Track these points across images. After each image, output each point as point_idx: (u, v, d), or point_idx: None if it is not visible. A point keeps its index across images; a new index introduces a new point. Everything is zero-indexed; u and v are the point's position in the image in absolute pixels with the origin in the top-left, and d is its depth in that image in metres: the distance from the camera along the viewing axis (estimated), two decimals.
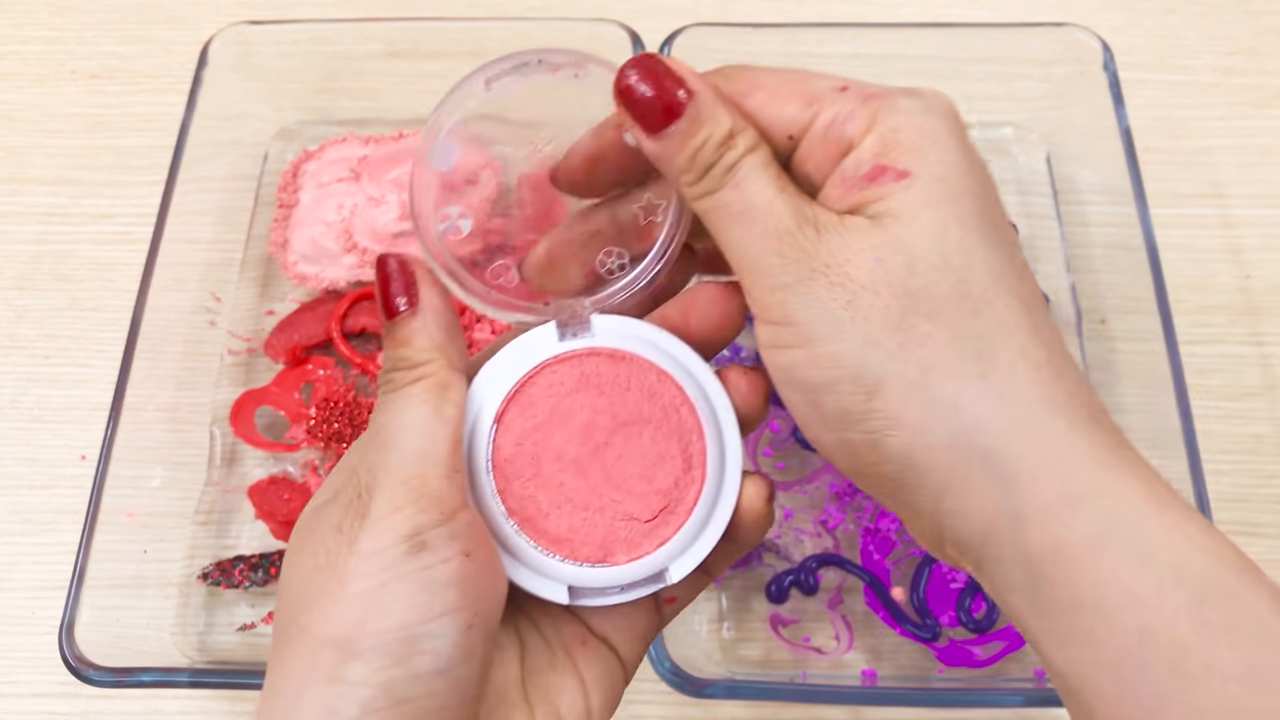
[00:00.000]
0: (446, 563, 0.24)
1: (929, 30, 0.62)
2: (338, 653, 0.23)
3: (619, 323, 0.28)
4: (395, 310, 0.26)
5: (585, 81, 0.27)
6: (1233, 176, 0.63)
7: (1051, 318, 0.26)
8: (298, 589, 0.25)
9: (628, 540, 0.27)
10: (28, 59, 0.69)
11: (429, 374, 0.26)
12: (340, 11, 0.70)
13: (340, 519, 0.25)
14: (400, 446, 0.25)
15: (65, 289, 0.60)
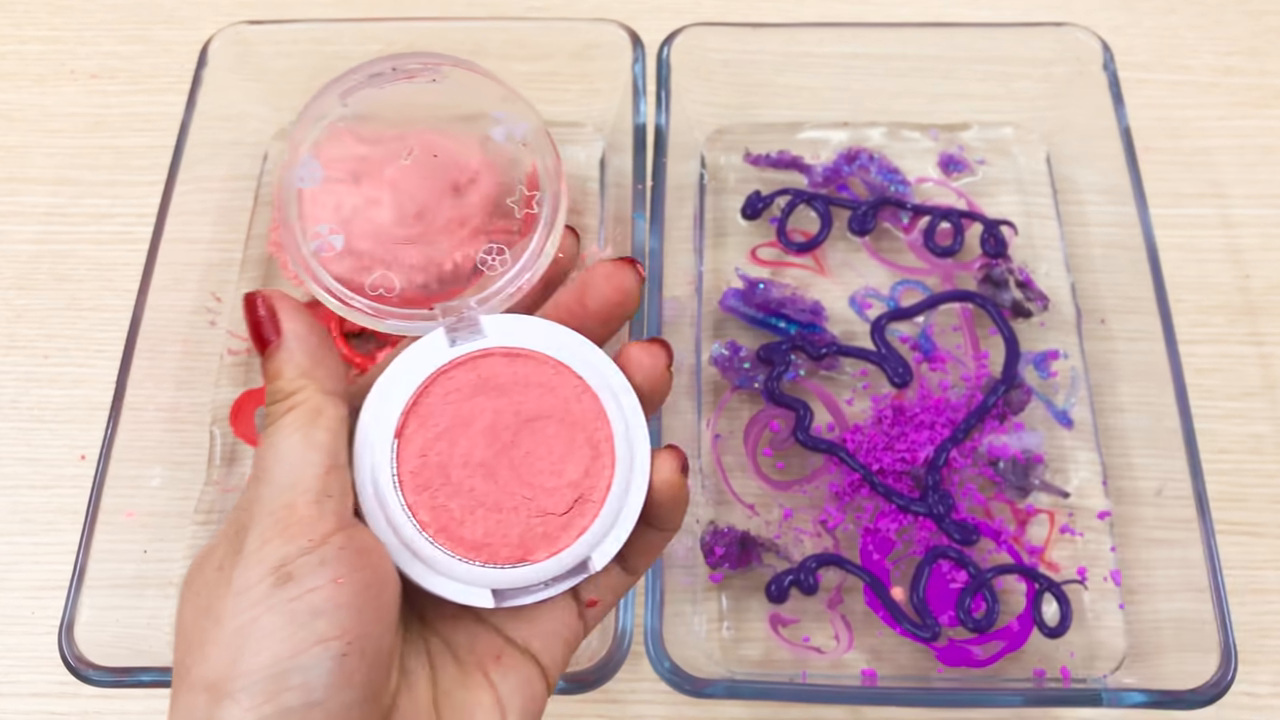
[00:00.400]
0: (314, 591, 0.23)
1: (929, 30, 0.62)
2: (209, 695, 0.23)
3: (509, 320, 0.28)
4: (260, 344, 0.26)
5: (444, 84, 0.27)
6: (1232, 176, 0.63)
7: None
8: (184, 635, 0.24)
9: (545, 536, 0.27)
10: (27, 59, 0.69)
11: (299, 401, 0.25)
12: (340, 11, 0.70)
13: (221, 558, 0.25)
14: (270, 479, 0.25)
15: (65, 289, 0.60)
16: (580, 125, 0.64)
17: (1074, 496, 0.53)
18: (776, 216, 0.61)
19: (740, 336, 0.57)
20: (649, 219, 0.53)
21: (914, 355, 0.57)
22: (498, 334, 0.27)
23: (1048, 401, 0.56)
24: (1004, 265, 0.58)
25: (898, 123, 0.64)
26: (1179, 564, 0.48)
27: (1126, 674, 0.49)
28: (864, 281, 0.59)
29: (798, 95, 0.63)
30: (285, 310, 0.27)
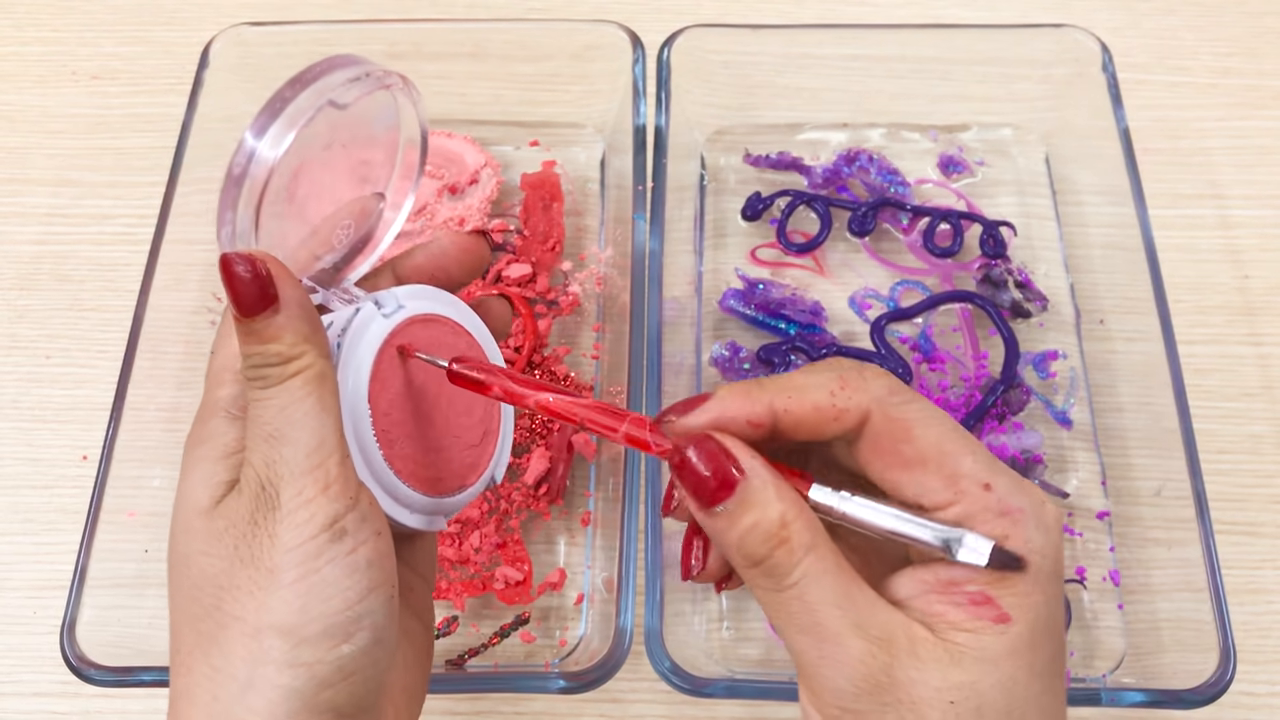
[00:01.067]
0: (365, 544, 0.26)
1: (928, 31, 0.62)
2: (285, 639, 0.25)
3: (414, 290, 0.31)
4: (253, 308, 0.27)
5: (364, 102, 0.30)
6: (1231, 177, 0.63)
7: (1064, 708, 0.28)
8: (217, 581, 0.26)
9: (471, 464, 0.32)
10: (29, 60, 0.69)
11: (306, 365, 0.27)
12: (341, 13, 0.70)
13: (252, 513, 0.26)
14: (295, 440, 0.26)
15: (66, 289, 0.60)
16: (580, 126, 0.64)
17: (1073, 496, 0.53)
18: (776, 217, 0.61)
19: (740, 337, 0.58)
20: (649, 220, 0.53)
21: (913, 356, 0.57)
22: (414, 302, 0.31)
23: (1047, 402, 0.56)
24: (1003, 266, 0.58)
25: (897, 124, 0.64)
26: (1178, 564, 0.48)
27: (1125, 673, 0.49)
28: (863, 282, 0.60)
29: (797, 96, 0.63)
30: (281, 276, 0.27)
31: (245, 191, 0.28)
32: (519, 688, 0.47)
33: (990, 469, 0.26)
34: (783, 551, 0.25)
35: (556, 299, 0.58)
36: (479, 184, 0.62)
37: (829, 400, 0.26)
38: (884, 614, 0.26)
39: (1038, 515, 0.26)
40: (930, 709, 0.25)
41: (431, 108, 0.65)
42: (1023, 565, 0.25)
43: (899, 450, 0.26)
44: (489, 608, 0.50)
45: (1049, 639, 0.26)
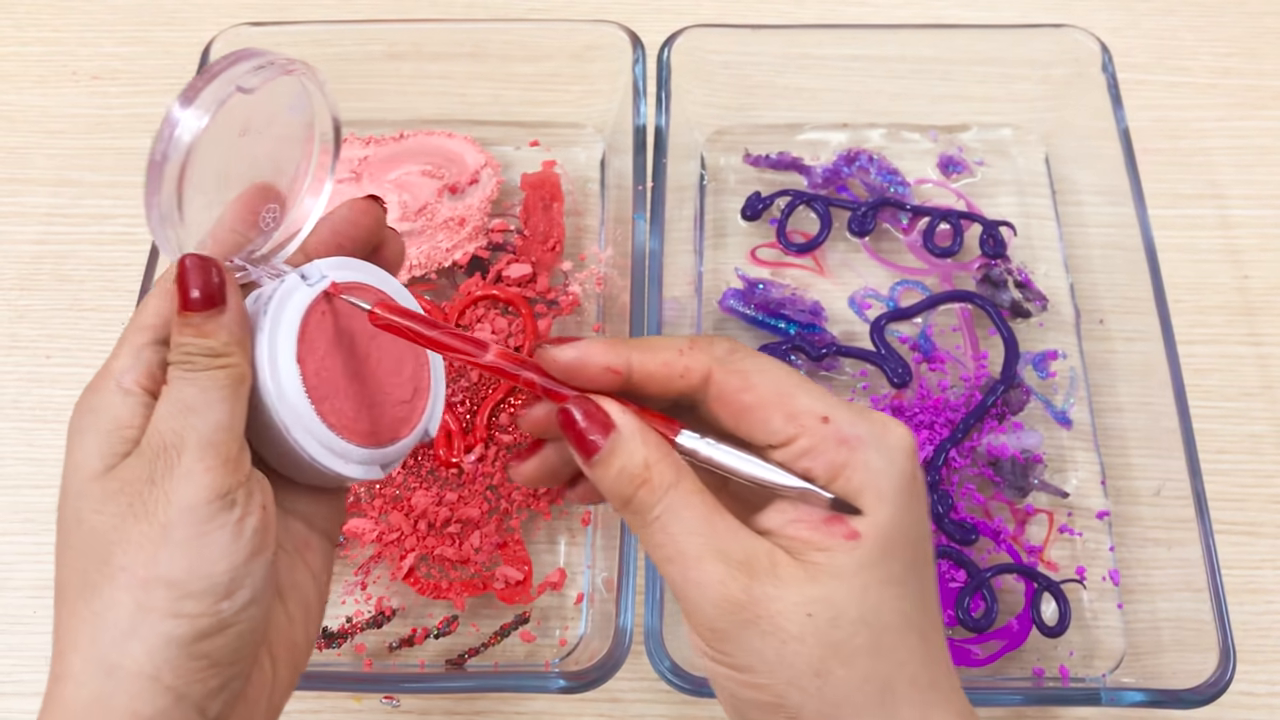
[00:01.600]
0: (252, 515, 0.29)
1: (928, 31, 0.62)
2: (170, 590, 0.28)
3: (337, 261, 0.34)
4: (195, 305, 0.30)
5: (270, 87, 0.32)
6: (1231, 177, 0.63)
7: (940, 624, 0.30)
8: (108, 536, 0.29)
9: (403, 418, 0.35)
10: (29, 60, 0.69)
11: (231, 364, 0.30)
12: (341, 13, 0.70)
13: (150, 473, 0.29)
14: (207, 416, 0.29)
15: (66, 289, 0.60)
16: (580, 126, 0.64)
17: (1073, 496, 0.53)
18: (776, 217, 0.61)
19: (740, 337, 0.58)
20: (649, 220, 0.53)
21: (913, 355, 0.57)
22: (335, 272, 0.33)
23: (1046, 401, 0.56)
24: (1003, 266, 0.58)
25: (897, 124, 0.64)
26: (1177, 563, 0.48)
27: (1125, 673, 0.49)
28: (863, 282, 0.60)
29: (797, 97, 0.63)
30: (230, 281, 0.31)
31: (167, 174, 0.30)
32: (519, 688, 0.47)
33: (828, 405, 0.29)
34: (645, 490, 0.28)
35: (556, 299, 0.58)
36: (479, 184, 0.62)
37: (677, 358, 0.30)
38: (746, 540, 0.28)
39: (877, 440, 0.29)
40: (789, 622, 0.27)
41: (431, 108, 0.65)
42: (857, 510, 0.28)
43: (741, 399, 0.29)
44: (489, 608, 0.50)
45: (902, 549, 0.28)
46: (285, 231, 0.34)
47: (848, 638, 0.27)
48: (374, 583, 0.51)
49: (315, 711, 0.49)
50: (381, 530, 0.51)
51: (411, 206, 0.60)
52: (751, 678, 0.28)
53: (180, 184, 0.30)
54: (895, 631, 0.28)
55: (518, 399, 0.54)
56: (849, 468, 0.28)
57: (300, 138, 0.35)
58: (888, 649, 0.28)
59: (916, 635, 0.28)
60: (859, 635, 0.27)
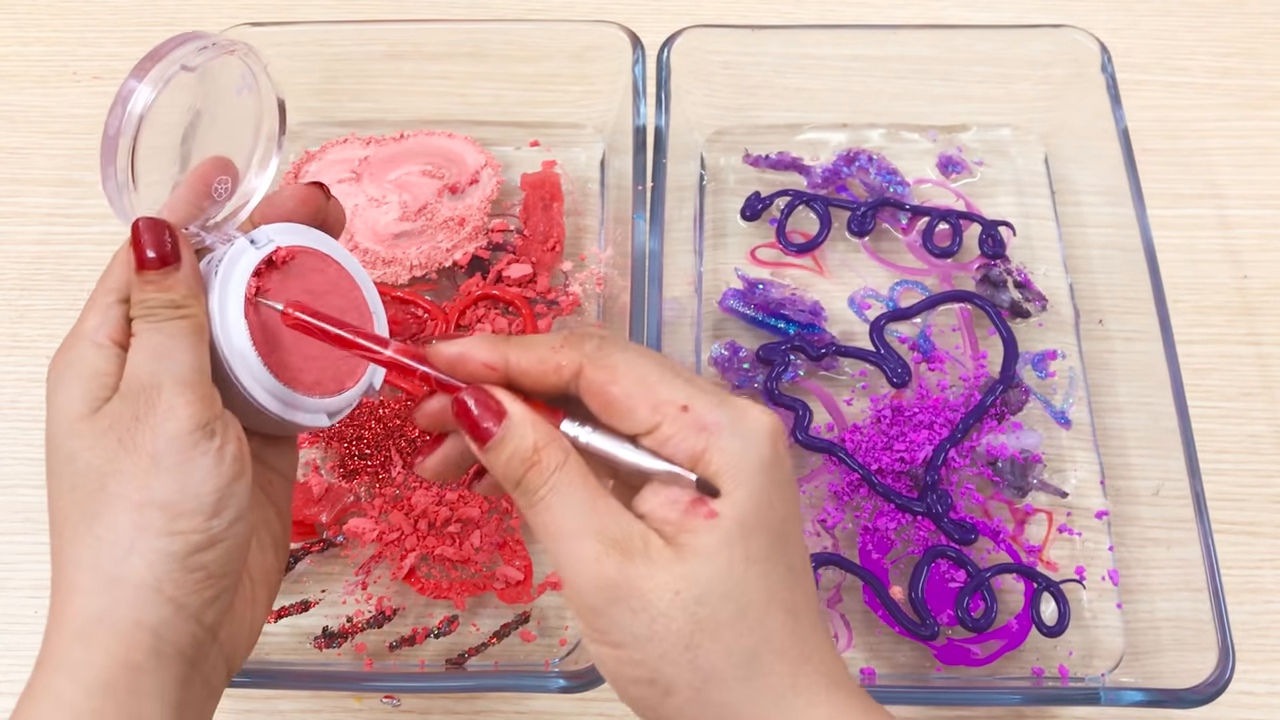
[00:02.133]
0: (230, 442, 0.32)
1: (928, 31, 0.62)
2: (164, 512, 0.31)
3: (283, 227, 0.36)
4: (152, 264, 0.33)
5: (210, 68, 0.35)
6: (1230, 177, 0.64)
7: (813, 603, 0.31)
8: (101, 469, 0.31)
9: (349, 371, 0.37)
10: (30, 60, 0.69)
11: (191, 315, 0.33)
12: (341, 13, 0.70)
13: (135, 411, 0.32)
14: (179, 360, 0.32)
15: (67, 289, 0.60)
16: (580, 126, 0.64)
17: (1072, 496, 0.53)
18: (776, 217, 0.61)
19: (740, 337, 0.58)
20: (649, 220, 0.53)
21: (913, 355, 0.57)
22: (280, 236, 0.36)
23: (1046, 401, 0.56)
24: (1002, 266, 0.59)
25: (897, 124, 0.64)
26: (1177, 563, 0.48)
27: (1124, 673, 0.49)
28: (863, 282, 0.60)
29: (797, 97, 0.63)
30: (182, 240, 0.34)
31: (121, 146, 0.32)
32: (519, 687, 0.47)
33: (688, 394, 0.31)
34: (534, 472, 0.30)
35: (557, 299, 0.58)
36: (479, 184, 0.62)
37: (550, 355, 0.32)
38: (623, 521, 0.30)
39: (735, 425, 0.30)
40: (658, 599, 0.29)
41: (432, 108, 0.65)
42: (715, 491, 0.30)
43: (608, 391, 0.31)
44: (489, 607, 0.51)
45: (763, 528, 0.30)
46: (236, 202, 0.37)
47: (713, 613, 0.29)
48: (374, 582, 0.51)
49: (315, 711, 0.49)
50: (382, 530, 0.51)
51: (412, 206, 0.60)
52: (627, 654, 0.29)
53: (133, 155, 0.33)
54: (760, 606, 0.29)
55: None
56: (708, 452, 0.30)
57: (249, 116, 0.38)
58: (753, 623, 0.29)
59: (783, 610, 0.30)
60: (724, 610, 0.29)
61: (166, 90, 0.33)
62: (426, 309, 0.57)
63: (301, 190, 0.38)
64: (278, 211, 0.37)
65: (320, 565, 0.51)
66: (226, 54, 0.35)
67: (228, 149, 0.37)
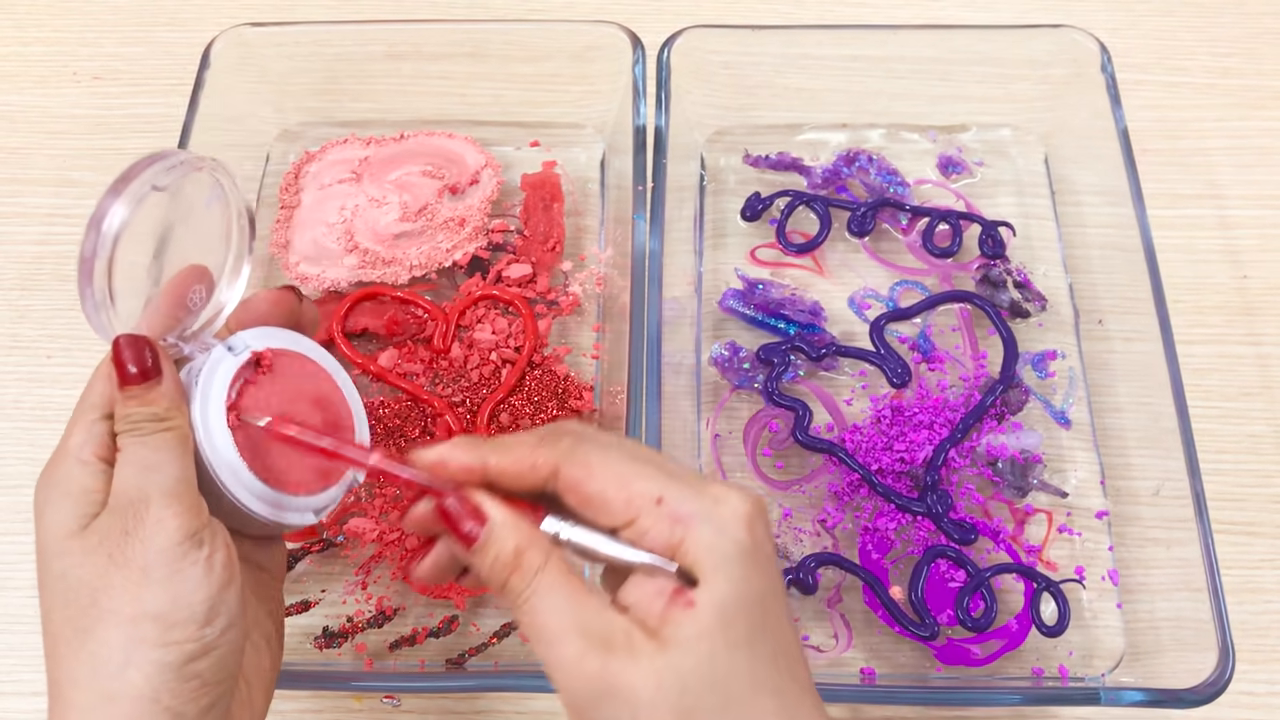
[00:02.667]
0: (218, 551, 0.33)
1: (927, 32, 0.62)
2: (158, 623, 0.31)
3: (259, 332, 0.38)
4: (134, 379, 0.34)
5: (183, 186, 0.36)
6: (1230, 177, 0.64)
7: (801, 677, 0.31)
8: (92, 585, 0.32)
9: (330, 469, 0.38)
10: (30, 60, 0.69)
11: (175, 427, 0.34)
12: (342, 14, 0.70)
13: (124, 525, 0.32)
14: (165, 472, 0.33)
15: (68, 289, 0.60)
16: (581, 127, 0.64)
17: (1072, 496, 0.53)
18: (776, 218, 0.61)
19: (740, 337, 0.58)
20: (649, 220, 0.53)
21: (913, 355, 0.57)
22: (256, 341, 0.37)
23: (1046, 401, 0.56)
24: (1002, 266, 0.59)
25: (896, 124, 0.64)
26: (1177, 563, 0.48)
27: (1124, 673, 0.49)
28: (863, 282, 0.60)
29: (797, 97, 0.63)
30: (162, 355, 0.35)
31: (97, 268, 0.33)
32: (519, 687, 0.47)
33: (662, 485, 0.31)
34: (516, 576, 0.31)
35: (557, 299, 0.58)
36: (479, 184, 0.62)
37: (527, 455, 0.32)
38: (606, 617, 0.30)
39: (708, 514, 0.31)
40: (642, 692, 0.29)
41: (432, 108, 0.65)
42: (694, 580, 0.30)
43: (585, 488, 0.32)
44: (489, 607, 0.51)
45: (743, 614, 0.30)
46: (211, 310, 0.38)
47: (696, 702, 0.29)
48: (374, 582, 0.51)
49: (315, 711, 0.49)
50: (382, 530, 0.51)
51: (412, 207, 0.60)
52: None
53: (110, 274, 0.33)
54: (745, 692, 0.30)
55: (517, 398, 0.55)
56: (685, 542, 0.30)
57: (219, 226, 0.39)
58: (738, 709, 0.29)
59: (768, 694, 0.30)
60: (707, 699, 0.29)
61: (139, 209, 0.34)
62: (426, 309, 0.57)
63: (274, 294, 0.39)
64: (252, 316, 0.38)
65: (320, 565, 0.51)
66: (195, 170, 0.36)
67: (200, 258, 0.38)
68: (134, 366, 0.34)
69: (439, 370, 0.56)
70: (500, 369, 0.56)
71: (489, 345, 0.56)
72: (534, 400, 0.55)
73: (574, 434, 0.33)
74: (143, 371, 0.34)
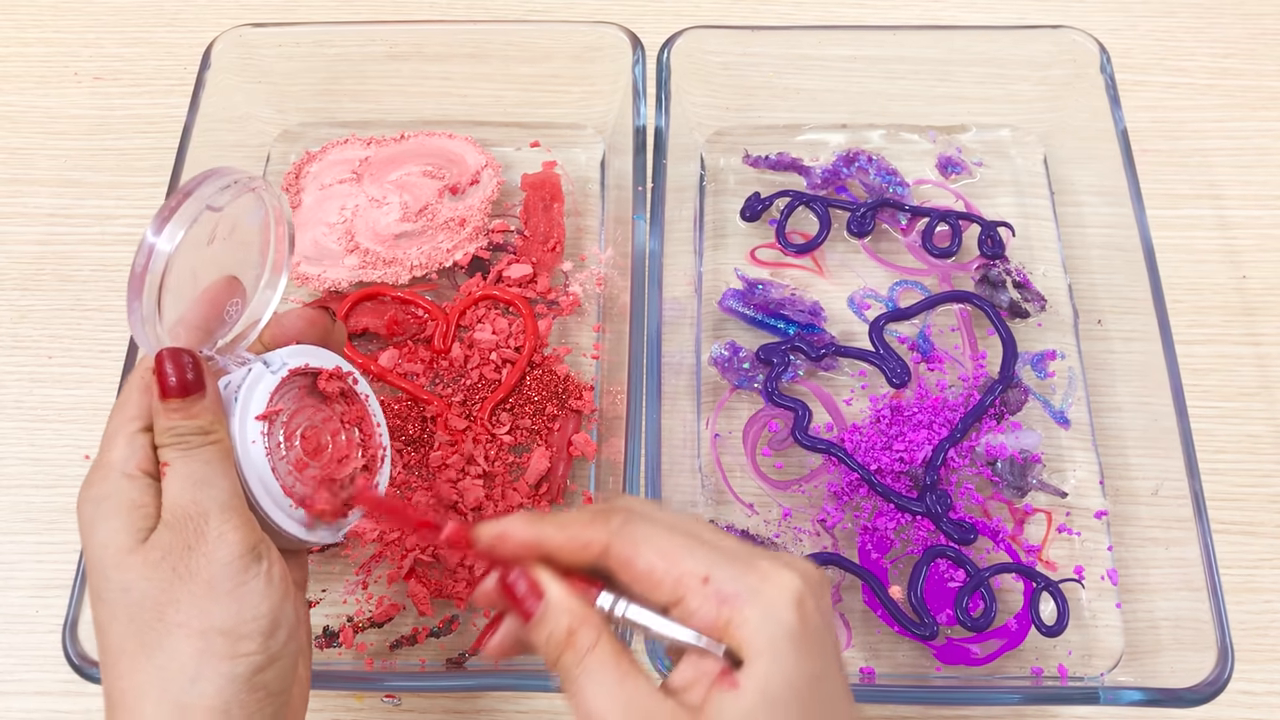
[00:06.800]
0: (275, 564, 0.34)
1: (927, 33, 0.62)
2: (226, 637, 0.32)
3: (295, 350, 0.38)
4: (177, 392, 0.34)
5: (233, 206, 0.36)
6: (1229, 178, 0.64)
7: None
8: (157, 599, 0.32)
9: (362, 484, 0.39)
10: (31, 61, 0.69)
11: (218, 439, 0.35)
12: (342, 14, 0.70)
13: (185, 540, 0.33)
14: (219, 486, 0.34)
15: (69, 289, 0.60)
16: (581, 127, 0.64)
17: (1071, 496, 0.53)
18: (776, 218, 0.61)
19: (740, 337, 0.58)
20: (649, 220, 0.53)
21: (912, 355, 0.57)
22: (293, 358, 0.38)
23: (1045, 401, 0.56)
24: (1001, 266, 0.59)
25: (896, 125, 0.64)
26: (1176, 563, 0.48)
27: (1124, 672, 0.49)
28: (862, 282, 0.60)
29: (797, 98, 0.63)
30: (207, 371, 0.35)
31: (148, 284, 0.34)
32: (519, 686, 0.47)
33: (710, 563, 0.31)
34: (569, 654, 0.31)
35: (557, 299, 0.58)
36: (480, 184, 0.62)
37: (581, 533, 0.32)
38: (651, 701, 0.30)
39: (754, 595, 0.30)
40: None
41: (432, 108, 0.65)
42: (740, 662, 0.30)
43: (634, 566, 0.32)
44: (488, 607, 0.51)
45: (790, 695, 0.30)
46: (246, 321, 0.39)
47: None
48: (374, 582, 0.51)
49: (316, 711, 0.49)
50: (382, 530, 0.51)
51: (412, 207, 0.60)
52: None
53: (160, 291, 0.34)
54: None
55: (517, 398, 0.55)
56: (731, 624, 0.30)
57: (258, 240, 0.39)
58: None
59: None
60: None
61: (192, 228, 0.34)
62: (427, 309, 0.57)
63: (309, 313, 0.39)
64: (286, 333, 0.39)
65: (320, 565, 0.51)
66: (248, 191, 0.37)
67: (237, 270, 0.38)
68: (176, 379, 0.34)
69: (439, 370, 0.56)
70: (500, 369, 0.56)
71: (489, 345, 0.56)
72: (534, 400, 0.55)
73: (626, 510, 0.33)
74: (185, 385, 0.34)
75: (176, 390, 0.34)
